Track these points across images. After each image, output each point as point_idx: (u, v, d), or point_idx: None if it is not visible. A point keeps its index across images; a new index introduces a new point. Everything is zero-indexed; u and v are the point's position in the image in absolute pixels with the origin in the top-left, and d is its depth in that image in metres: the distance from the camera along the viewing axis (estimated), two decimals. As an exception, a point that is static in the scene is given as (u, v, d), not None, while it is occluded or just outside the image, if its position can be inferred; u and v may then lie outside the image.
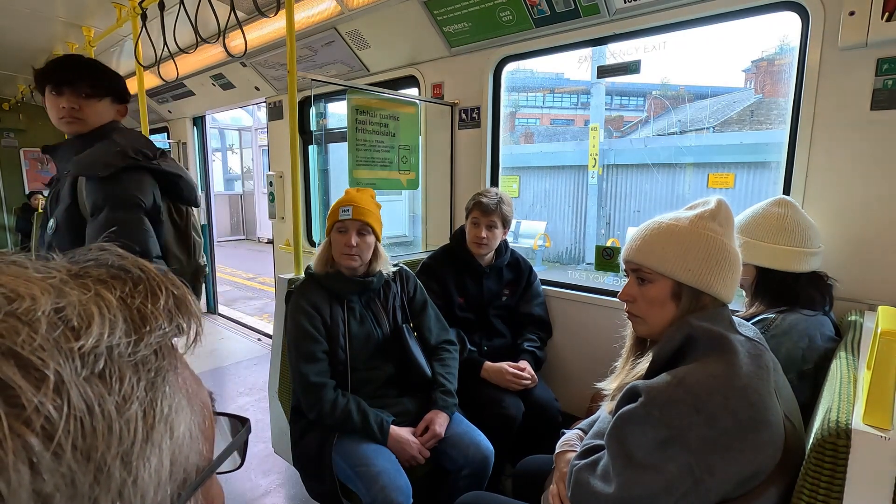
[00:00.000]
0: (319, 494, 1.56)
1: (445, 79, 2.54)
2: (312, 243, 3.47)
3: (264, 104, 3.68)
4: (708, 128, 8.35)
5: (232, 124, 13.49)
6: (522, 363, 1.90)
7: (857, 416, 0.77)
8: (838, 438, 0.74)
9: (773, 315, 1.28)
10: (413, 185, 2.60)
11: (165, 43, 2.17)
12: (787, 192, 1.64)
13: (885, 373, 0.75)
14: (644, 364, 1.00)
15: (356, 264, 1.59)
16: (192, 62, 3.47)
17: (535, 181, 8.60)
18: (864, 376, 0.89)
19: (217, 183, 13.22)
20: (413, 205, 4.58)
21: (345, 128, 2.29)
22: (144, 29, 2.40)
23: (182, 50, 2.22)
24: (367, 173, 2.31)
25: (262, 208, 12.21)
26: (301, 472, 1.62)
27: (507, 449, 1.77)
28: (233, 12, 1.82)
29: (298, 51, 2.77)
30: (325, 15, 2.56)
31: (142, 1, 2.49)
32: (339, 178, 3.77)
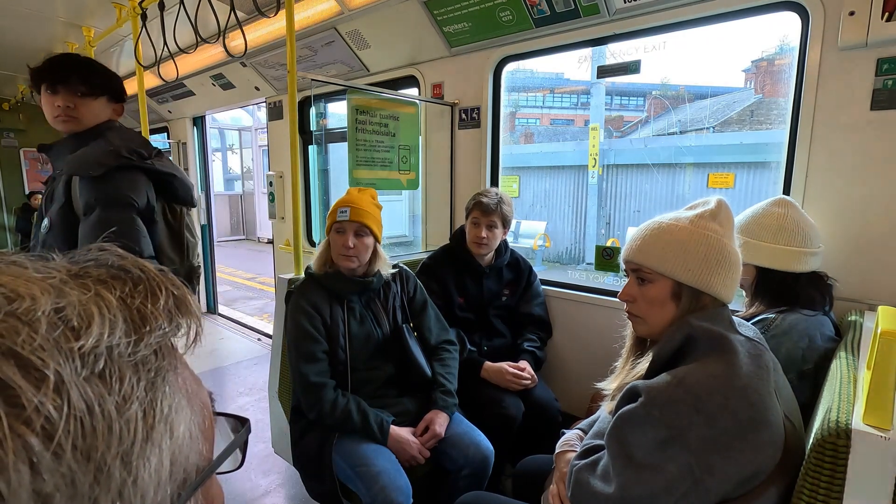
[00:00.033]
0: (319, 494, 1.56)
1: (445, 79, 2.54)
2: (312, 243, 3.47)
3: (264, 104, 3.68)
4: (708, 128, 8.35)
5: (232, 124, 13.49)
6: (522, 363, 1.90)
7: (857, 416, 0.77)
8: (838, 438, 0.74)
9: (773, 315, 1.28)
10: (413, 185, 2.60)
11: (165, 43, 2.17)
12: (787, 192, 1.64)
13: (885, 373, 0.75)
14: (644, 364, 1.00)
15: (353, 265, 1.59)
16: (192, 62, 3.47)
17: (535, 181, 8.60)
18: (864, 376, 0.89)
19: (217, 183, 13.23)
20: (413, 205, 4.59)
21: (345, 128, 2.29)
22: (144, 29, 2.40)
23: (182, 50, 2.22)
24: (367, 173, 2.31)
25: (262, 208, 12.21)
26: (301, 472, 1.62)
27: (507, 449, 1.77)
28: (233, 12, 1.82)
29: (298, 51, 2.77)
30: (325, 15, 2.56)
31: (142, 1, 2.49)
32: (339, 178, 3.77)
